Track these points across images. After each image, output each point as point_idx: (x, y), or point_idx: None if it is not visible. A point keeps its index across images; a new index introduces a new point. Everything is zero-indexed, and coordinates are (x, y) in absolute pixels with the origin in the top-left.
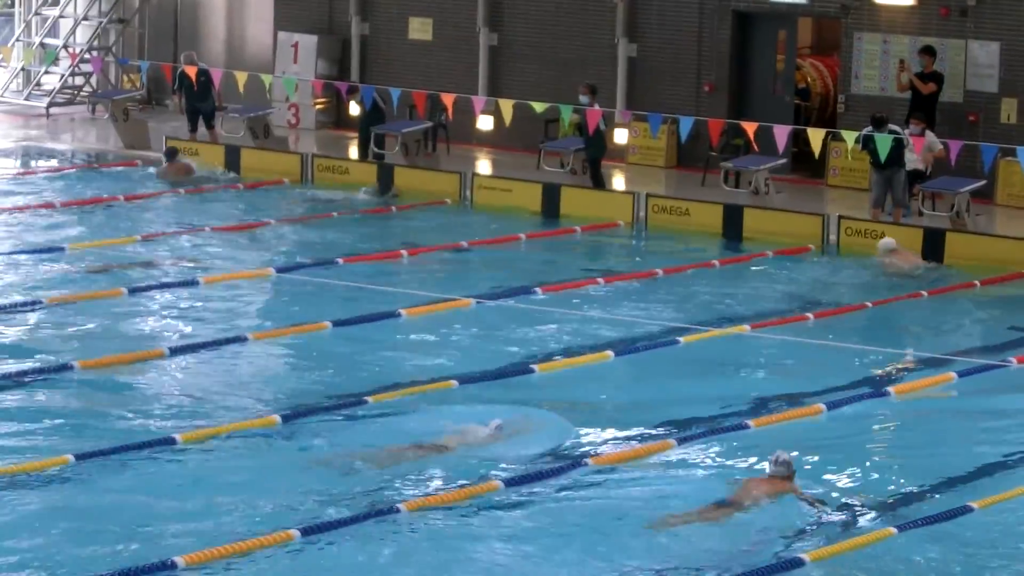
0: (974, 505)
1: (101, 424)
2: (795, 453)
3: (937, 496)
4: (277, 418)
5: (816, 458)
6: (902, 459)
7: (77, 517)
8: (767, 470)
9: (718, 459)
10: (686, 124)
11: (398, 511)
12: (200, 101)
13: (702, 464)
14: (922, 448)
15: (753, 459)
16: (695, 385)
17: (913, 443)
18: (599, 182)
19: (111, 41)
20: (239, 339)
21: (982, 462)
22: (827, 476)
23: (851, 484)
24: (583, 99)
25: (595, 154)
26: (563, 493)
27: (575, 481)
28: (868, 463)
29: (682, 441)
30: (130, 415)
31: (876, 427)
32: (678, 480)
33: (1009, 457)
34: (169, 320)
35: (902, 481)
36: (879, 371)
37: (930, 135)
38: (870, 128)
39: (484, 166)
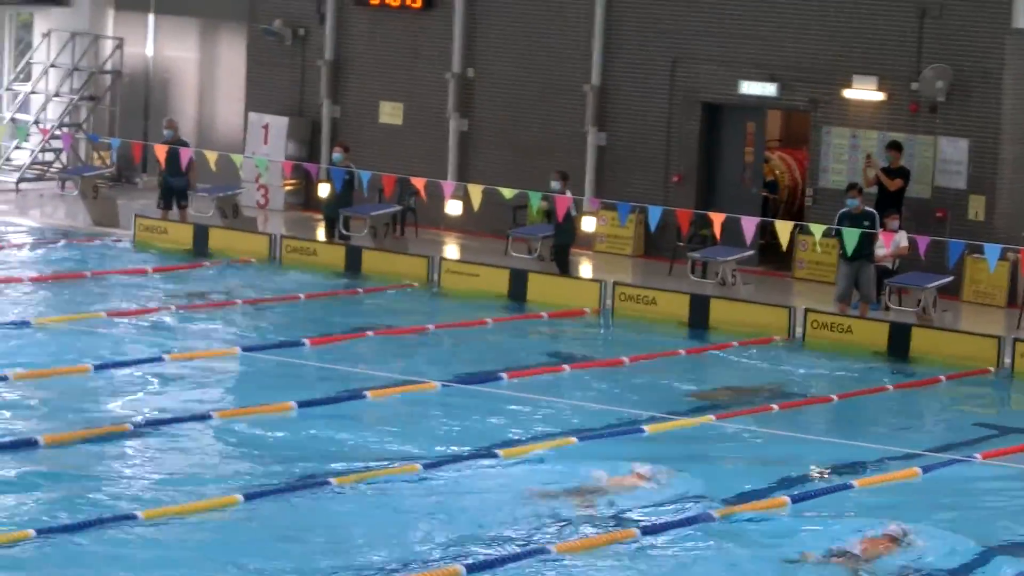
0: None
1: (65, 499)
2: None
3: None
4: (239, 497)
5: (777, 550)
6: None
7: None
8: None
9: (681, 550)
10: (655, 213)
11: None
12: (173, 176)
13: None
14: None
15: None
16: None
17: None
18: (565, 269)
19: (82, 118)
20: (203, 416)
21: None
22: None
23: None
24: (555, 185)
25: (564, 240)
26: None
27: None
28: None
29: (646, 532)
30: (94, 490)
31: (840, 519)
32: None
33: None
34: (135, 397)
35: None
36: (843, 464)
37: (899, 232)
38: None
39: (452, 250)
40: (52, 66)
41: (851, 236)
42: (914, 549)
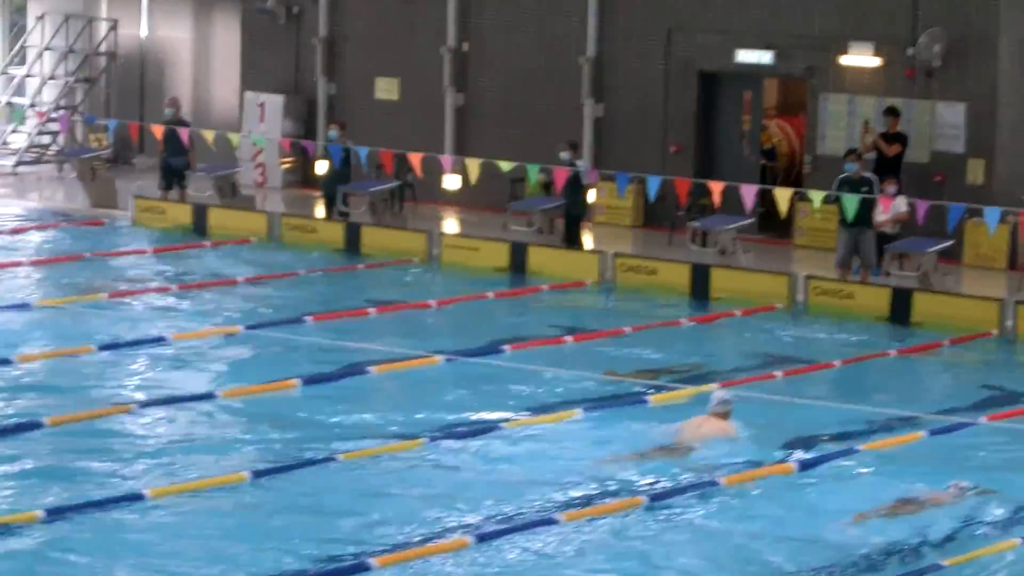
0: (944, 563)
1: (70, 480)
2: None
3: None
4: (247, 474)
5: (787, 514)
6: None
7: (43, 573)
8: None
9: (692, 518)
10: (653, 183)
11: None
12: (173, 156)
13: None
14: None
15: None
16: (661, 444)
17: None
18: (576, 240)
19: (78, 100)
20: (208, 395)
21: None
22: (797, 531)
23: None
24: (564, 156)
25: (576, 211)
26: None
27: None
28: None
29: (653, 499)
30: (99, 471)
31: (842, 484)
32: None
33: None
34: (138, 377)
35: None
36: (848, 429)
37: (898, 197)
38: (842, 182)
39: (451, 225)
40: (47, 49)
41: (851, 202)
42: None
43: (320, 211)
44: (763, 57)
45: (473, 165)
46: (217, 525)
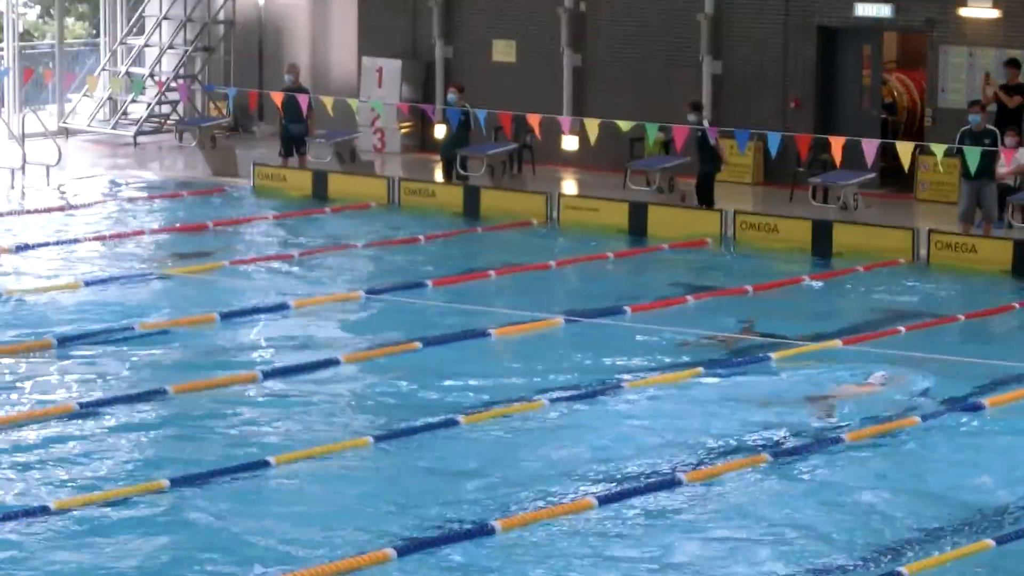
0: None
1: (195, 449)
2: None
3: None
4: (370, 439)
5: (909, 468)
6: (995, 472)
7: (172, 543)
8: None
9: (812, 475)
10: (774, 140)
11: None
12: (292, 123)
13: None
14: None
15: (848, 476)
16: (787, 400)
17: (1008, 456)
18: (709, 200)
19: (197, 69)
20: (331, 362)
21: None
22: (921, 487)
23: (946, 493)
24: (691, 118)
25: (708, 169)
26: None
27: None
28: (961, 475)
29: (776, 457)
30: (223, 439)
31: (969, 439)
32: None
33: None
34: (261, 344)
35: (1000, 493)
36: (973, 384)
37: (1020, 149)
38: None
39: (570, 186)
40: (165, 18)
41: (973, 155)
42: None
43: (439, 175)
44: (882, 10)
45: (591, 125)
46: (341, 490)
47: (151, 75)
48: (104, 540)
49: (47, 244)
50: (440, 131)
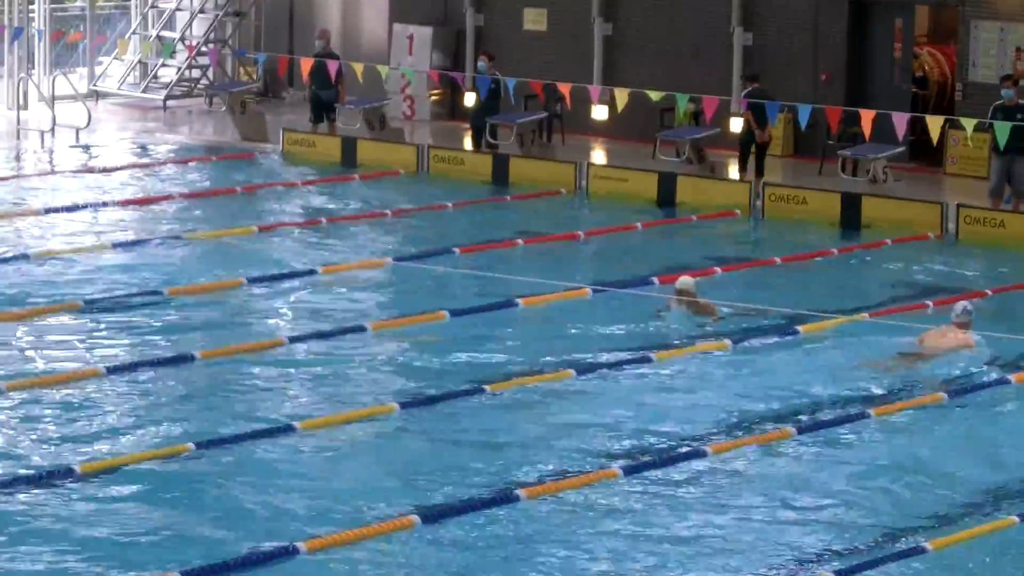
0: None
1: (221, 413)
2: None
3: None
4: (395, 406)
5: (937, 444)
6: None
7: (196, 504)
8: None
9: (834, 450)
10: (804, 112)
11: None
12: (322, 89)
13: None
14: None
15: (872, 451)
16: (811, 374)
17: None
18: (762, 169)
19: (227, 34)
20: (358, 328)
21: None
22: (950, 462)
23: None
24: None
25: (747, 139)
26: None
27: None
28: (991, 449)
29: (801, 431)
30: (250, 404)
31: (992, 416)
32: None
33: None
34: (288, 310)
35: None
36: (1001, 358)
37: None
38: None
39: (599, 156)
40: None
41: (1003, 129)
42: None
43: (468, 143)
44: None
45: (621, 95)
46: (366, 457)
47: (182, 39)
48: (128, 505)
49: (76, 207)
50: (470, 99)
